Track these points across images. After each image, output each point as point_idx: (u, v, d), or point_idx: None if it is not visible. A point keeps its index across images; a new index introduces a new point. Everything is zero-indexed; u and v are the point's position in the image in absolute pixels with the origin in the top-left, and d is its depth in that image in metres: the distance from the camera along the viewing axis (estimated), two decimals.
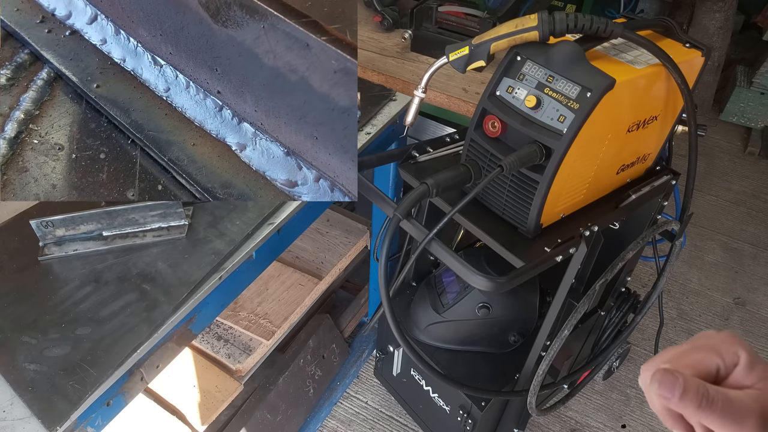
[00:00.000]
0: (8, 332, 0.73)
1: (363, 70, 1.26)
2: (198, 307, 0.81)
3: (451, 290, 1.21)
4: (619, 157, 0.93)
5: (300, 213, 0.94)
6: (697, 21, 2.60)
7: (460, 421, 1.26)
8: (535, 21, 0.77)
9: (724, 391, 0.38)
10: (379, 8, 1.40)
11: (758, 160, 2.77)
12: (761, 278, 2.14)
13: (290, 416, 1.48)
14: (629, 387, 1.76)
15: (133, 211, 0.84)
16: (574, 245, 0.88)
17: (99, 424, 0.72)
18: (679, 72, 0.82)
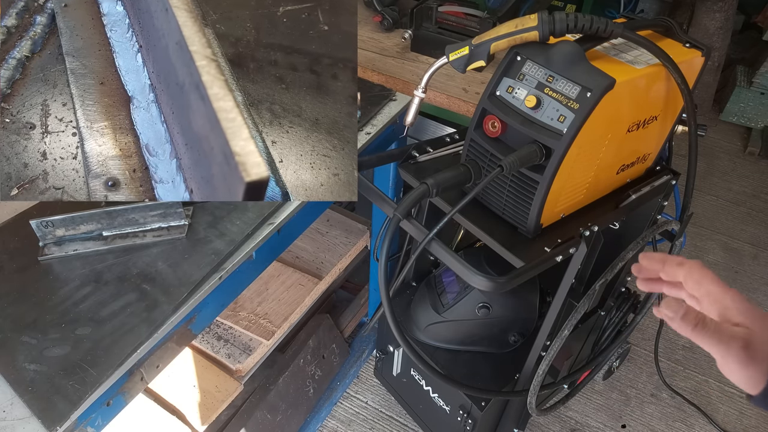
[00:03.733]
0: (8, 332, 0.73)
1: (363, 70, 1.26)
2: (198, 307, 0.81)
3: (451, 290, 1.21)
4: (619, 157, 0.93)
5: (300, 213, 0.94)
6: (697, 21, 2.60)
7: (460, 421, 1.26)
8: (535, 21, 0.77)
9: (717, 321, 0.48)
10: (379, 8, 1.40)
11: (758, 160, 2.77)
12: (761, 278, 2.14)
13: (290, 416, 1.48)
14: (629, 387, 1.76)
15: (133, 211, 0.84)
16: (574, 245, 0.88)
17: (99, 424, 0.72)
18: (679, 72, 0.82)
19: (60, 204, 0.86)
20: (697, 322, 0.48)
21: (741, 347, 0.47)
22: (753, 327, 0.48)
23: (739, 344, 0.47)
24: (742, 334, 0.47)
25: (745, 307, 0.50)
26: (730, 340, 0.47)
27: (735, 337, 0.47)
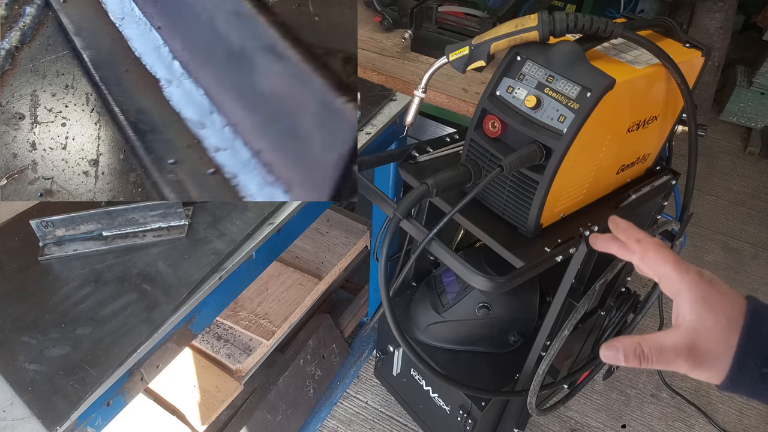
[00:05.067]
0: (8, 332, 0.73)
1: (363, 70, 1.26)
2: (198, 307, 0.81)
3: (451, 290, 1.21)
4: (619, 157, 0.93)
5: (300, 213, 0.94)
6: (697, 21, 2.60)
7: (460, 421, 1.26)
8: (535, 21, 0.77)
9: (656, 340, 0.47)
10: (379, 8, 1.40)
11: (758, 160, 2.77)
12: (761, 278, 2.14)
13: (290, 416, 1.48)
14: (629, 387, 1.76)
15: (133, 211, 0.84)
16: (574, 245, 0.88)
17: (99, 424, 0.72)
18: (679, 72, 0.82)
19: (60, 204, 0.86)
20: (640, 359, 0.46)
21: (685, 359, 0.46)
22: (701, 324, 0.46)
23: (682, 358, 0.46)
24: (684, 347, 0.46)
25: (699, 295, 0.47)
26: (674, 358, 0.46)
27: (679, 353, 0.46)
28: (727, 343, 0.45)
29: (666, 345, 0.46)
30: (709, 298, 0.47)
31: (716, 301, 0.47)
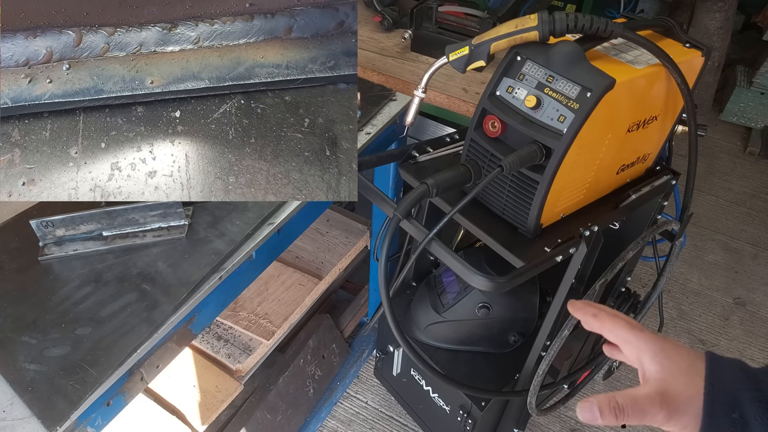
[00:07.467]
0: (8, 332, 0.73)
1: (363, 70, 1.26)
2: (198, 307, 0.81)
3: (451, 290, 1.21)
4: (619, 157, 0.93)
5: (300, 213, 0.94)
6: (697, 21, 2.60)
7: (460, 421, 1.26)
8: (535, 21, 0.77)
9: (628, 392, 0.49)
10: (379, 8, 1.40)
11: (758, 160, 2.77)
12: (761, 278, 2.14)
13: (290, 416, 1.48)
14: (629, 387, 1.76)
15: (133, 211, 0.84)
16: (574, 245, 0.88)
17: (99, 424, 0.72)
18: (679, 72, 0.82)
19: (60, 204, 0.86)
20: (615, 412, 0.48)
21: (659, 406, 0.47)
22: (665, 372, 0.49)
23: (656, 406, 0.47)
24: (656, 394, 0.48)
25: (657, 347, 0.50)
26: (649, 406, 0.48)
27: (652, 401, 0.47)
28: (694, 385, 0.47)
29: (639, 395, 0.48)
30: (666, 348, 0.50)
31: (673, 351, 0.50)
